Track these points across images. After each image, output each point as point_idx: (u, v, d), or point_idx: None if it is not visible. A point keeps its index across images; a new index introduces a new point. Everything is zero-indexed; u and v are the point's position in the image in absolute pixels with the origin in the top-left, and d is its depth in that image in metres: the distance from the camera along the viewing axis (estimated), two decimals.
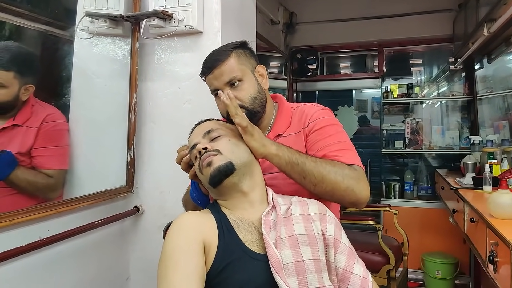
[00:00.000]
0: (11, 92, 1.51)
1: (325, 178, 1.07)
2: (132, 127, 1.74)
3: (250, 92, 1.24)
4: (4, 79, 1.48)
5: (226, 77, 1.21)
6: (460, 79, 4.02)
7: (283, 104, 1.37)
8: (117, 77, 1.81)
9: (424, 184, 4.04)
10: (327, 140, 1.20)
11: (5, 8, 1.68)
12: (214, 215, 1.02)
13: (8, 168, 1.48)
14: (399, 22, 3.95)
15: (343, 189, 1.08)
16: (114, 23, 1.73)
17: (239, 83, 1.22)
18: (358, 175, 1.11)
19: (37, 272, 1.34)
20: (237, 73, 1.22)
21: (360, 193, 1.10)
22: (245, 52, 1.28)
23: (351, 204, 1.11)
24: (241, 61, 1.24)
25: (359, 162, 1.17)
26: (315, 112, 1.29)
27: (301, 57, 4.30)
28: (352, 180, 1.09)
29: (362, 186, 1.10)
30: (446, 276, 3.36)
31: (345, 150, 1.18)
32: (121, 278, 1.78)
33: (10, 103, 1.53)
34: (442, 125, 4.10)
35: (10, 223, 1.20)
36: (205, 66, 1.25)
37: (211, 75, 1.23)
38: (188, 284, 0.85)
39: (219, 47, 1.30)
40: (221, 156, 1.02)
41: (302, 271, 0.91)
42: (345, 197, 1.09)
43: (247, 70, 1.25)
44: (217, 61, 1.22)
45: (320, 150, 1.19)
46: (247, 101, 1.23)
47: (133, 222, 1.81)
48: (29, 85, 1.56)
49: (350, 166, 1.13)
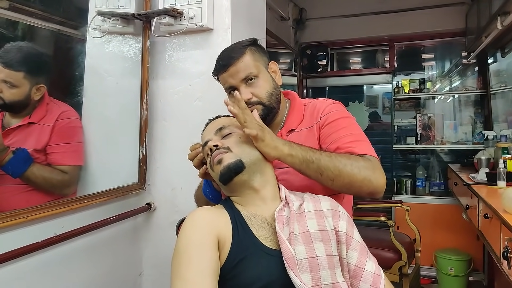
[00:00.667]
0: (22, 92, 1.55)
1: (342, 171, 1.06)
2: (143, 125, 1.75)
3: (267, 88, 1.24)
4: (14, 79, 1.51)
5: (242, 74, 1.22)
6: (473, 74, 3.97)
7: (295, 100, 1.37)
8: (129, 75, 1.83)
9: (437, 180, 4.00)
10: (340, 132, 1.20)
11: (20, 8, 1.70)
12: (228, 211, 1.02)
13: (24, 165, 1.51)
14: (410, 17, 3.90)
15: (360, 180, 1.07)
16: (125, 21, 1.75)
17: (255, 80, 1.23)
18: (373, 165, 1.10)
19: (53, 268, 1.36)
20: (252, 69, 1.22)
21: (377, 182, 1.09)
22: (258, 49, 1.28)
23: (369, 194, 1.10)
24: (255, 58, 1.25)
25: (373, 152, 1.16)
26: (327, 106, 1.29)
27: (311, 53, 4.28)
28: (368, 170, 1.08)
29: (378, 176, 1.09)
30: (459, 273, 3.33)
31: (359, 141, 1.18)
32: (134, 274, 1.80)
33: (22, 102, 1.56)
34: (454, 120, 4.06)
35: (26, 220, 1.23)
36: (219, 64, 1.25)
37: (226, 73, 1.23)
38: (202, 278, 0.85)
39: (231, 45, 1.30)
40: (231, 154, 1.03)
41: (316, 267, 0.91)
42: (362, 188, 1.08)
43: (261, 67, 1.26)
44: (232, 58, 1.22)
45: (333, 142, 1.19)
46: (264, 97, 1.23)
47: (145, 218, 1.83)
48: (40, 85, 1.58)
49: (364, 157, 1.12)
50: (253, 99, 1.22)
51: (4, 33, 1.73)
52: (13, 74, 1.51)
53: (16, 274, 1.22)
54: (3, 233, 1.18)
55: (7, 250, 1.14)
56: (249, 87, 1.22)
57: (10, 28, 1.76)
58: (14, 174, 1.49)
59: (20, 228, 1.23)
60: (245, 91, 1.22)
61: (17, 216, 1.21)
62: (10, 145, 1.50)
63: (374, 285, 0.96)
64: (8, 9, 1.67)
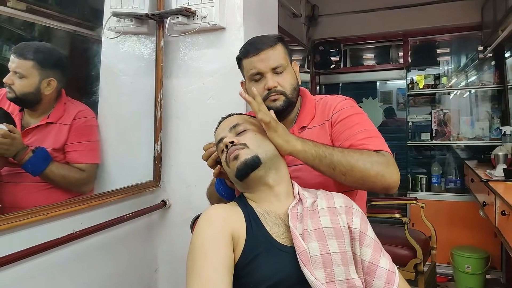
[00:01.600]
0: (31, 83, 1.56)
1: (354, 166, 1.07)
2: (158, 123, 1.77)
3: (292, 82, 1.27)
4: (23, 69, 1.53)
5: (273, 62, 1.24)
6: (489, 68, 3.90)
7: (306, 97, 1.38)
8: (143, 74, 1.85)
9: (453, 176, 3.95)
10: (352, 129, 1.20)
11: (37, 10, 1.74)
12: (242, 208, 1.04)
13: (43, 164, 1.54)
14: (425, 11, 3.85)
15: (373, 175, 1.07)
16: (139, 21, 1.77)
17: (283, 72, 1.25)
18: (386, 160, 1.11)
19: (71, 264, 1.39)
20: (283, 61, 1.25)
21: (391, 177, 1.09)
22: (286, 46, 1.31)
23: (383, 189, 1.10)
24: (285, 51, 1.29)
25: (387, 148, 1.16)
26: (339, 103, 1.29)
27: (323, 50, 4.26)
28: (381, 166, 1.08)
29: (391, 171, 1.09)
30: (477, 270, 3.29)
31: (372, 137, 1.18)
32: (150, 270, 1.83)
33: (32, 95, 1.58)
34: (471, 115, 3.99)
35: (46, 217, 1.26)
36: (250, 47, 1.26)
37: (256, 56, 1.24)
38: (217, 274, 0.86)
39: (260, 36, 1.32)
40: (248, 150, 1.04)
41: (329, 263, 0.92)
42: (376, 183, 1.09)
43: (289, 62, 1.30)
44: (266, 44, 1.24)
45: (346, 139, 1.19)
46: (289, 89, 1.26)
47: (161, 215, 1.85)
48: (51, 78, 1.60)
49: (378, 153, 1.12)
50: (278, 88, 1.24)
51: (22, 34, 1.77)
52: (23, 63, 1.53)
53: (37, 270, 1.25)
54: (25, 230, 1.21)
55: (29, 246, 1.17)
56: (276, 76, 1.24)
57: (27, 30, 1.80)
58: (34, 173, 1.53)
59: (40, 224, 1.26)
60: (272, 78, 1.24)
61: (38, 213, 1.24)
62: (29, 144, 1.53)
63: (388, 281, 0.96)
64: (25, 11, 1.70)
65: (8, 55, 1.60)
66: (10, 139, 1.42)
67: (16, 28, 1.75)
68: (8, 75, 1.51)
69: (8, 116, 1.48)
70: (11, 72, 1.52)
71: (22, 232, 1.20)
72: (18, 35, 1.76)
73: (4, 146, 1.41)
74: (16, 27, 1.74)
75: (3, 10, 1.64)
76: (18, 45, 1.57)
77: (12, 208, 1.36)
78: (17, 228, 1.18)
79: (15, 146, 1.45)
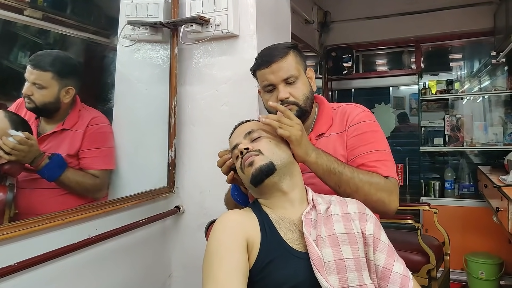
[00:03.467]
0: (51, 93, 1.60)
1: (359, 189, 1.12)
2: (172, 129, 1.79)
3: (304, 91, 1.28)
4: (43, 80, 1.57)
5: (284, 73, 1.25)
6: (503, 73, 3.87)
7: (323, 104, 1.39)
8: (157, 81, 1.87)
9: (466, 182, 3.91)
10: (366, 147, 1.23)
11: (53, 18, 1.78)
12: (256, 214, 1.04)
13: (59, 170, 1.57)
14: (437, 17, 3.84)
15: (375, 200, 1.13)
16: (154, 30, 1.79)
17: (295, 81, 1.26)
18: (391, 188, 1.16)
19: (87, 269, 1.41)
20: (294, 71, 1.26)
21: (390, 205, 1.15)
22: (299, 53, 1.31)
23: (380, 213, 1.17)
24: (297, 60, 1.28)
25: (395, 174, 1.21)
26: (357, 114, 1.30)
27: (336, 56, 4.26)
28: (384, 193, 1.14)
29: (393, 199, 1.15)
30: (491, 276, 3.25)
31: (383, 161, 1.21)
32: (164, 275, 1.84)
33: (52, 105, 1.62)
34: (484, 121, 3.95)
35: (62, 222, 1.28)
36: (261, 60, 1.28)
37: (267, 68, 1.26)
38: (232, 279, 0.87)
39: (273, 45, 1.33)
40: (263, 157, 1.05)
41: (343, 269, 0.93)
42: (374, 208, 1.13)
43: (301, 70, 1.29)
44: (276, 56, 1.25)
45: (359, 157, 1.22)
46: (301, 99, 1.27)
47: (174, 221, 1.86)
48: (69, 87, 1.64)
49: (387, 179, 1.17)
50: (290, 98, 1.26)
51: (38, 42, 1.81)
52: (42, 74, 1.56)
53: (53, 275, 1.27)
54: (42, 235, 1.23)
55: (46, 251, 1.20)
56: (288, 87, 1.26)
57: (43, 37, 1.83)
58: (50, 178, 1.56)
59: (57, 230, 1.28)
60: (283, 90, 1.25)
61: (54, 219, 1.26)
62: (45, 151, 1.56)
63: (402, 286, 0.96)
64: (41, 19, 1.74)
65: (24, 62, 1.63)
66: (27, 146, 1.45)
67: (32, 35, 1.78)
68: (26, 86, 1.55)
69: (25, 124, 1.52)
70: (29, 83, 1.55)
71: (39, 237, 1.23)
72: (33, 42, 1.79)
73: (22, 153, 1.44)
74: (31, 34, 1.78)
75: (20, 18, 1.67)
76: (34, 56, 1.59)
77: (28, 214, 1.38)
78: (34, 234, 1.21)
79: (32, 152, 1.48)
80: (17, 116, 1.53)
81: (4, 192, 1.44)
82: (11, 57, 1.72)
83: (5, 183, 1.47)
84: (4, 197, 1.43)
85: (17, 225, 1.15)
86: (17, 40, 1.74)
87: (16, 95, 1.63)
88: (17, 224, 1.16)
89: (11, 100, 1.64)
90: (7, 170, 1.45)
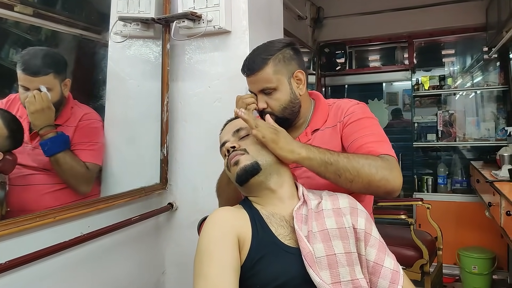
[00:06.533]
0: (57, 92, 1.62)
1: (360, 172, 1.08)
2: (164, 126, 1.78)
3: (281, 102, 1.28)
4: (49, 84, 1.57)
5: (260, 85, 1.27)
6: (495, 69, 3.89)
7: (319, 100, 1.39)
8: (149, 78, 1.86)
9: (459, 177, 3.94)
10: (361, 131, 1.23)
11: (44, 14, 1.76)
12: (247, 211, 1.05)
13: (60, 146, 1.58)
14: (430, 13, 3.85)
15: (378, 179, 1.08)
16: (145, 25, 1.78)
17: (272, 92, 1.27)
18: (390, 165, 1.12)
19: (79, 266, 1.40)
20: (271, 83, 1.26)
21: (394, 181, 1.10)
22: (286, 57, 1.28)
23: (386, 193, 1.11)
24: (277, 69, 1.26)
25: (393, 152, 1.18)
26: (351, 106, 1.31)
27: (329, 52, 4.26)
28: (385, 170, 1.09)
29: (395, 175, 1.10)
30: (483, 271, 3.28)
31: (379, 141, 1.20)
32: (157, 272, 1.84)
33: (59, 102, 1.63)
34: (477, 116, 3.98)
35: (54, 220, 1.27)
36: (243, 68, 1.31)
37: (248, 78, 1.30)
38: (223, 275, 0.88)
39: (262, 47, 1.32)
40: (248, 156, 1.05)
41: (334, 264, 0.93)
42: (380, 188, 1.09)
43: (282, 79, 1.27)
44: (253, 69, 1.27)
45: (354, 141, 1.21)
46: (277, 110, 1.28)
47: (167, 218, 1.86)
48: (66, 79, 1.64)
49: (383, 157, 1.14)
50: (267, 109, 1.29)
51: (29, 38, 1.79)
52: (45, 79, 1.56)
53: (45, 273, 1.26)
54: (33, 233, 1.22)
55: (37, 249, 1.19)
56: (266, 97, 1.28)
57: (34, 33, 1.82)
58: (49, 151, 1.55)
59: (48, 228, 1.27)
60: (261, 100, 1.29)
61: (46, 217, 1.25)
62: (37, 146, 1.55)
63: (393, 281, 0.97)
64: (32, 15, 1.72)
65: (15, 59, 1.61)
66: (47, 104, 1.48)
67: (23, 32, 1.77)
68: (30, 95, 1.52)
69: (16, 121, 1.50)
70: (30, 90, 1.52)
71: (31, 235, 1.22)
72: (24, 39, 1.77)
73: (39, 111, 1.48)
74: (22, 31, 1.76)
75: (10, 15, 1.65)
76: (25, 65, 1.54)
77: (20, 211, 1.37)
78: (26, 231, 1.20)
79: (47, 116, 1.51)
80: (8, 113, 1.52)
81: None
82: (2, 54, 1.70)
83: None
84: None
85: (8, 223, 1.14)
86: (8, 37, 1.72)
87: (7, 92, 1.62)
88: (8, 222, 1.14)
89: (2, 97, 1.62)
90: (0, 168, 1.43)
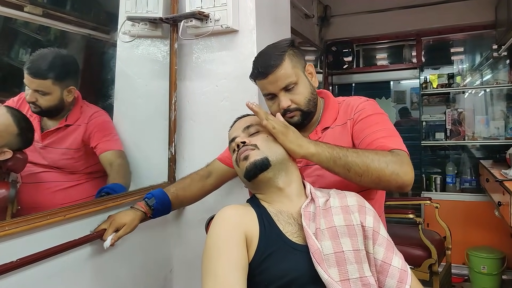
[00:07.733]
0: (55, 97, 1.62)
1: (369, 166, 1.07)
2: (172, 125, 1.79)
3: (305, 95, 1.26)
4: (44, 87, 1.57)
5: (281, 83, 1.22)
6: (504, 67, 3.85)
7: (329, 99, 1.39)
8: (157, 77, 1.87)
9: (468, 176, 3.90)
10: (372, 127, 1.21)
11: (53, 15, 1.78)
12: (254, 208, 1.05)
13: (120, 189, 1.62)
14: (438, 10, 3.82)
15: (388, 174, 1.07)
16: (153, 25, 1.79)
17: (294, 87, 1.24)
18: (401, 159, 1.10)
19: (88, 264, 1.41)
20: (292, 77, 1.23)
21: (405, 176, 1.08)
22: (296, 53, 1.28)
23: (397, 188, 1.10)
24: (294, 64, 1.25)
25: (404, 147, 1.16)
26: (361, 103, 1.31)
27: (336, 50, 4.25)
28: (395, 164, 1.08)
29: (406, 169, 1.09)
30: (493, 271, 3.25)
31: (390, 136, 1.19)
32: (165, 270, 1.85)
33: (57, 106, 1.64)
34: (486, 115, 3.94)
35: (64, 218, 1.28)
36: (258, 71, 1.25)
37: (265, 80, 1.24)
38: (231, 273, 0.88)
39: (269, 48, 1.30)
40: (258, 151, 1.05)
41: (343, 261, 0.93)
42: (391, 182, 1.08)
43: (300, 72, 1.26)
44: (271, 66, 1.21)
45: (366, 137, 1.20)
46: (303, 104, 1.25)
47: (175, 216, 1.87)
48: (70, 87, 1.65)
49: (393, 152, 1.12)
50: (292, 106, 1.24)
51: (38, 38, 1.81)
52: (42, 83, 1.56)
53: (54, 271, 1.27)
54: (43, 231, 1.23)
55: (48, 247, 1.20)
56: (289, 94, 1.24)
57: (43, 33, 1.83)
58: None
59: (58, 226, 1.28)
60: (284, 98, 1.23)
61: (56, 215, 1.26)
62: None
63: (401, 280, 0.97)
64: (42, 15, 1.74)
65: (25, 59, 1.63)
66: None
67: (32, 32, 1.79)
68: (29, 93, 1.55)
69: (27, 120, 1.52)
70: (31, 91, 1.55)
71: (41, 233, 1.22)
72: (34, 39, 1.79)
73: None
74: (32, 31, 1.78)
75: (20, 15, 1.67)
76: (30, 64, 1.57)
77: (31, 209, 1.39)
78: (36, 230, 1.20)
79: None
80: (19, 112, 1.53)
81: (7, 188, 1.44)
82: (12, 54, 1.72)
83: (8, 179, 1.47)
84: (7, 194, 1.43)
85: (19, 221, 1.15)
86: (17, 37, 1.74)
87: (17, 91, 1.63)
88: (19, 220, 1.15)
89: (13, 96, 1.65)
90: (10, 166, 1.45)
